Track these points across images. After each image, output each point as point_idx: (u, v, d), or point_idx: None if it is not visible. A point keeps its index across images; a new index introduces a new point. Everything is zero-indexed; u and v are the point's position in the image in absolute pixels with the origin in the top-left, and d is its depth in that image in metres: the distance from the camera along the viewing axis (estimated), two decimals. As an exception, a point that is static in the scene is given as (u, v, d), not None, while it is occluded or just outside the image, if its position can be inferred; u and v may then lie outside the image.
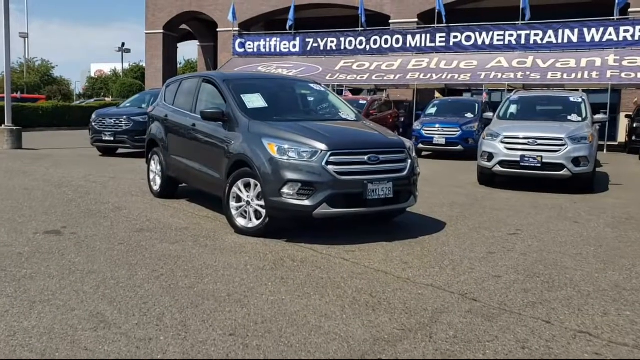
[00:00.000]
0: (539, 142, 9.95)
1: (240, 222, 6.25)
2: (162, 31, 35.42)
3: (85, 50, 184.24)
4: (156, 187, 8.60)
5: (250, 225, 6.16)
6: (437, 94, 23.55)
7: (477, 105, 18.16)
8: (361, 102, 19.70)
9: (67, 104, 30.85)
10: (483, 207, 8.42)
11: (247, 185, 6.19)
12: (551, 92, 15.28)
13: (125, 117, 14.84)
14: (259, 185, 6.00)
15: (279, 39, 28.51)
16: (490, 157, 10.38)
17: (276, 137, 5.97)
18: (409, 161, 6.25)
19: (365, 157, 5.88)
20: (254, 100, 6.80)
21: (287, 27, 27.94)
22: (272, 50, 28.41)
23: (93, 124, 15.10)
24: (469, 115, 17.53)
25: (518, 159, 10.03)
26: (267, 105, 6.83)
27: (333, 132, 6.22)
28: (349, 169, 5.80)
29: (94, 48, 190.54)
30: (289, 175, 5.72)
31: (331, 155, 5.73)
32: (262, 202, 6.01)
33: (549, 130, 10.15)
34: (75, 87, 76.61)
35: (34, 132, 23.75)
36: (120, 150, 15.65)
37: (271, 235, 6.09)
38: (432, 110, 18.38)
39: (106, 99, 39.56)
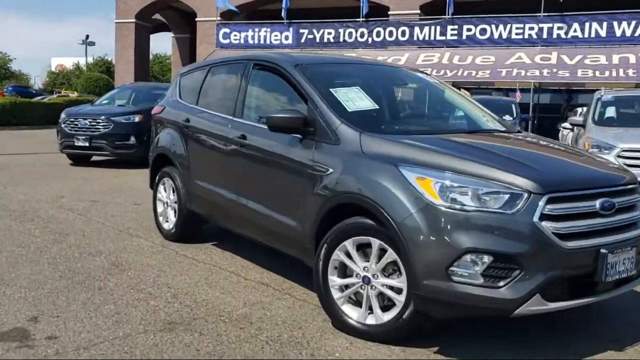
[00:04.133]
0: (672, 156, 7.50)
1: (350, 313, 3.55)
2: (134, 20, 32.13)
3: (46, 44, 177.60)
4: (168, 225, 5.82)
5: (371, 322, 3.47)
6: (462, 92, 21.02)
7: (513, 106, 15.72)
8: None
9: (27, 99, 27.41)
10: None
11: (362, 248, 3.51)
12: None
13: (103, 117, 11.90)
14: (389, 251, 3.33)
15: (269, 30, 25.63)
16: (601, 175, 7.85)
17: (431, 166, 3.28)
18: None
19: (597, 204, 3.23)
20: (355, 98, 4.10)
21: (283, 15, 25.02)
22: (262, 41, 25.51)
23: (63, 125, 12.08)
24: (507, 117, 15.00)
25: (644, 179, 7.53)
26: (377, 106, 4.16)
27: (532, 159, 3.56)
28: (576, 227, 3.15)
29: (54, 42, 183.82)
30: (469, 240, 3.05)
31: (548, 201, 3.07)
32: (396, 282, 3.34)
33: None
34: (34, 81, 72.57)
35: (-11, 132, 20.45)
36: (95, 158, 12.67)
37: (409, 340, 3.42)
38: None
39: (71, 94, 35.98)
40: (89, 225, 6.37)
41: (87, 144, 11.72)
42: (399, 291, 3.35)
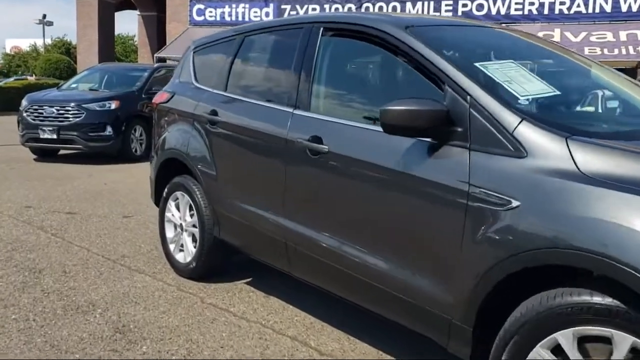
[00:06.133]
0: None
1: None
2: (97, -4, 29.72)
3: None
4: (185, 257, 4.20)
5: None
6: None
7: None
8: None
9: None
10: None
11: (582, 342, 1.97)
12: None
13: (73, 104, 10.05)
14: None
15: (247, 6, 23.66)
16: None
17: None
18: None
19: None
20: (519, 79, 2.56)
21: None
22: (240, 18, 23.50)
23: (25, 114, 10.19)
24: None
25: None
26: (557, 92, 2.62)
27: None
28: None
29: (8, 22, 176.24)
30: None
31: None
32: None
33: None
34: (-12, 64, 68.77)
35: (-63, 121, 18.23)
36: (63, 151, 10.80)
37: None
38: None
39: (29, 77, 33.37)
40: (70, 254, 4.70)
41: (54, 136, 9.88)
42: None
